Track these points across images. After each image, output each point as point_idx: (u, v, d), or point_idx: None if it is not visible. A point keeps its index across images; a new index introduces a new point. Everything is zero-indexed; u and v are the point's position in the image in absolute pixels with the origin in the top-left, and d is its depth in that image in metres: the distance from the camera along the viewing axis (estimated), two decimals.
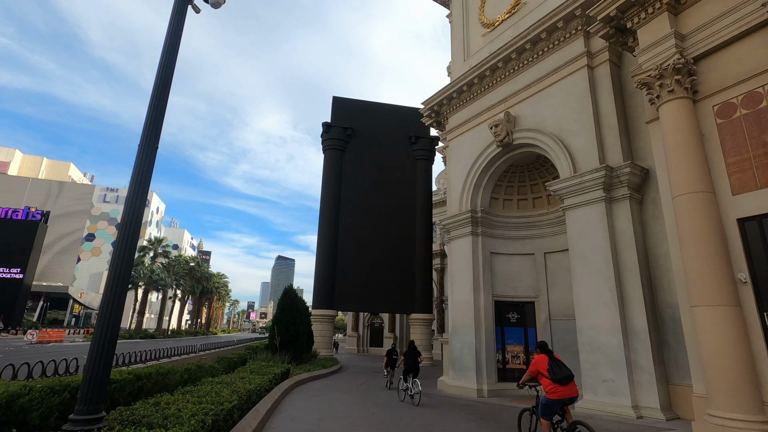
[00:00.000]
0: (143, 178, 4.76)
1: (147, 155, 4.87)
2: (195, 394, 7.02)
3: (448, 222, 18.34)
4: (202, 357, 16.10)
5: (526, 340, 17.00)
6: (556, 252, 17.17)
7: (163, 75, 5.26)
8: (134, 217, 4.67)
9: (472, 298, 16.59)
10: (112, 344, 4.36)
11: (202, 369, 11.19)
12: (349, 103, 41.64)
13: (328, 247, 35.88)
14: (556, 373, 6.71)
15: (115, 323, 4.39)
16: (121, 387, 6.70)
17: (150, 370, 8.00)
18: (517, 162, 17.60)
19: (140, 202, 4.77)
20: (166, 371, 8.62)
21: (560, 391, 6.65)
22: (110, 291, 4.48)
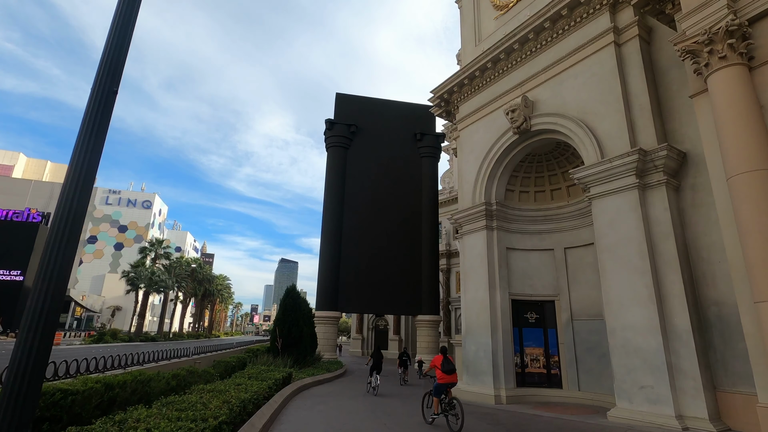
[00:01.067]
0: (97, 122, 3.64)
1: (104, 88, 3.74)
2: (177, 406, 5.91)
3: (460, 216, 17.18)
4: (196, 361, 14.98)
5: (546, 342, 15.79)
6: (578, 247, 15.97)
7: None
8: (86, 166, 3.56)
9: (487, 297, 15.41)
10: (45, 346, 3.23)
11: (194, 374, 10.07)
12: (353, 100, 40.57)
13: (331, 247, 34.75)
14: (444, 366, 9.92)
15: (50, 318, 3.26)
16: (84, 399, 5.61)
17: (126, 378, 6.90)
18: (535, 151, 16.43)
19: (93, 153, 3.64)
20: (147, 378, 7.51)
21: (446, 378, 9.89)
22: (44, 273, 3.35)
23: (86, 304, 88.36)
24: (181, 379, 8.92)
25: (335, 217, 35.65)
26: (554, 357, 15.52)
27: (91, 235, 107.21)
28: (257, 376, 12.30)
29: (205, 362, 15.85)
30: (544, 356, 15.67)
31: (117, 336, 42.29)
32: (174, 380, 8.47)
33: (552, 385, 15.23)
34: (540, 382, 15.34)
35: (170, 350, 14.67)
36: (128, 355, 11.58)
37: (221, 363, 14.43)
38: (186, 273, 62.04)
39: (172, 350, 15.84)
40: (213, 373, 11.77)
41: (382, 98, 41.97)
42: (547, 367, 15.51)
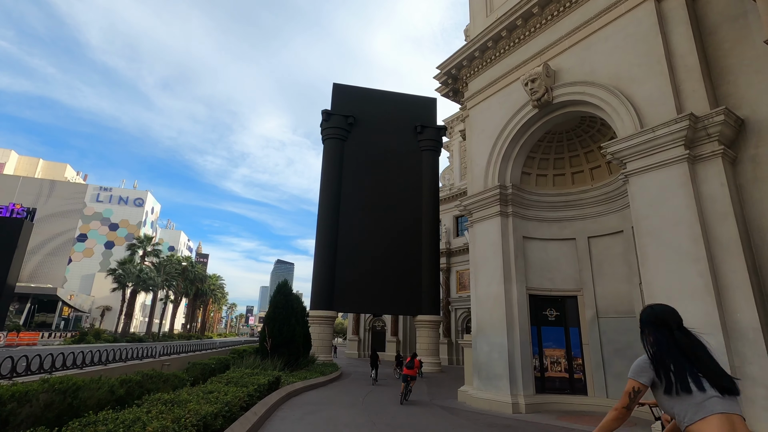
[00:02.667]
0: None
1: None
2: (95, 428, 4.10)
3: (470, 202, 15.41)
4: (165, 363, 13.05)
5: (568, 343, 14.01)
6: (604, 236, 14.23)
7: None
8: None
9: (502, 291, 13.63)
10: None
11: (156, 379, 8.22)
12: (351, 91, 38.79)
13: (327, 243, 32.89)
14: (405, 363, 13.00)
15: None
16: None
17: (35, 387, 5.08)
18: (555, 128, 14.70)
19: None
20: (75, 386, 5.65)
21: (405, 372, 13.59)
22: None
23: (74, 303, 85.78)
24: (133, 386, 7.07)
25: (332, 211, 33.82)
26: (577, 359, 13.75)
27: (80, 233, 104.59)
28: (238, 380, 10.45)
29: (177, 364, 13.96)
30: (565, 358, 13.89)
31: (101, 336, 40.19)
32: (122, 388, 6.61)
33: (575, 391, 13.45)
34: (562, 388, 13.56)
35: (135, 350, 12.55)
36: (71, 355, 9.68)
37: (197, 365, 12.56)
38: (176, 271, 59.85)
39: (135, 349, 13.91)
40: (184, 378, 9.92)
41: (381, 89, 40.22)
42: (570, 370, 13.74)
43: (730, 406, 2.22)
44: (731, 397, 2.26)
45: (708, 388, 2.25)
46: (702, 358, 2.39)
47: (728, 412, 2.19)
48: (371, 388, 18.18)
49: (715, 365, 2.37)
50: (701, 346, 2.45)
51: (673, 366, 2.36)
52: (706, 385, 2.26)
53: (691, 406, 2.25)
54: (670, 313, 2.63)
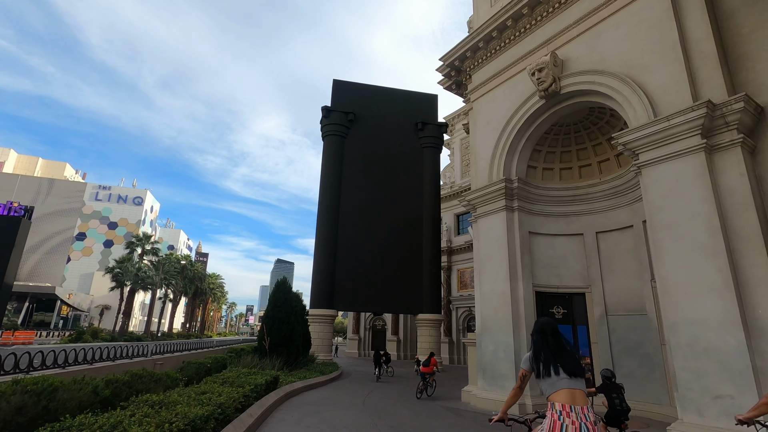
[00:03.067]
0: None
1: None
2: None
3: (474, 196, 14.96)
4: (157, 362, 12.60)
5: (576, 341, 13.57)
6: (612, 231, 13.79)
7: None
8: None
9: (507, 289, 13.18)
10: None
11: (146, 379, 7.77)
12: (351, 87, 38.29)
13: (327, 241, 32.44)
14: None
15: None
16: None
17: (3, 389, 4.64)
18: (562, 120, 14.25)
19: None
20: (51, 387, 5.19)
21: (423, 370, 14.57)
22: None
23: (73, 302, 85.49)
24: (120, 387, 6.62)
25: (332, 208, 33.36)
26: (585, 359, 13.31)
27: (79, 232, 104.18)
28: (234, 380, 10.01)
29: (170, 363, 13.51)
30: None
31: (98, 335, 39.74)
32: (107, 388, 6.17)
33: None
34: None
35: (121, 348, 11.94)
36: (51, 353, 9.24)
37: (192, 365, 12.11)
38: (175, 270, 59.37)
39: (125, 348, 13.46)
40: (177, 378, 9.47)
41: (382, 86, 39.71)
42: None
43: (575, 384, 3.34)
44: (576, 379, 3.36)
45: (561, 373, 3.36)
46: (562, 355, 3.46)
47: (572, 388, 3.31)
48: (372, 388, 17.76)
49: (571, 358, 3.47)
50: (564, 347, 3.55)
51: (542, 359, 3.48)
52: (561, 371, 3.36)
53: (550, 385, 3.37)
54: (548, 324, 3.73)
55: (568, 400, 3.24)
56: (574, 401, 3.24)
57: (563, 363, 3.40)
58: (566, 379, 3.34)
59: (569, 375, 3.35)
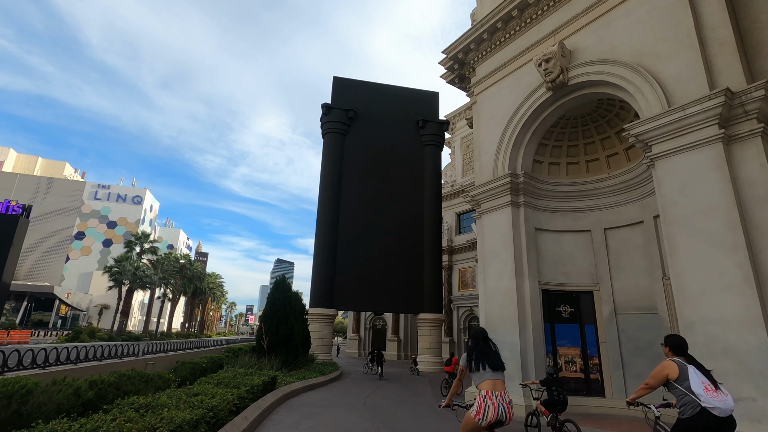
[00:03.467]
0: None
1: None
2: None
3: (478, 192, 14.53)
4: (149, 362, 12.16)
5: (584, 341, 13.15)
6: (622, 227, 13.37)
7: None
8: None
9: (513, 286, 12.76)
10: None
11: (133, 380, 7.34)
12: (351, 84, 37.84)
13: (327, 239, 32.00)
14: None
15: None
16: None
17: None
18: (569, 113, 13.82)
19: None
20: (24, 390, 4.71)
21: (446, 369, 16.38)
22: None
23: (72, 302, 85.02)
24: (105, 388, 6.18)
25: (332, 206, 32.93)
26: (594, 359, 12.89)
27: (78, 231, 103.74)
28: (229, 381, 9.58)
29: (163, 363, 13.08)
30: (581, 358, 13.02)
31: (95, 335, 39.31)
32: (91, 390, 5.72)
33: (592, 392, 12.59)
34: (577, 389, 12.69)
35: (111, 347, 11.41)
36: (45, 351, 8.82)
37: (186, 365, 11.68)
38: (174, 269, 58.93)
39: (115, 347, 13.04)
40: (169, 378, 9.05)
41: (382, 83, 39.29)
42: (586, 370, 12.88)
43: (496, 376, 4.42)
44: (498, 372, 4.45)
45: (487, 368, 4.43)
46: (489, 355, 4.54)
47: (494, 379, 4.37)
48: (373, 388, 17.35)
49: (495, 357, 4.56)
50: (491, 349, 4.64)
51: (474, 358, 4.55)
52: (487, 367, 4.44)
53: (479, 376, 4.43)
54: (480, 331, 4.85)
55: (490, 388, 4.35)
56: (495, 388, 4.36)
57: (489, 361, 4.51)
58: (490, 372, 4.46)
59: (493, 369, 4.49)
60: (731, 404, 4.07)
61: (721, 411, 3.98)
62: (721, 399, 4.04)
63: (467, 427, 4.40)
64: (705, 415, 3.98)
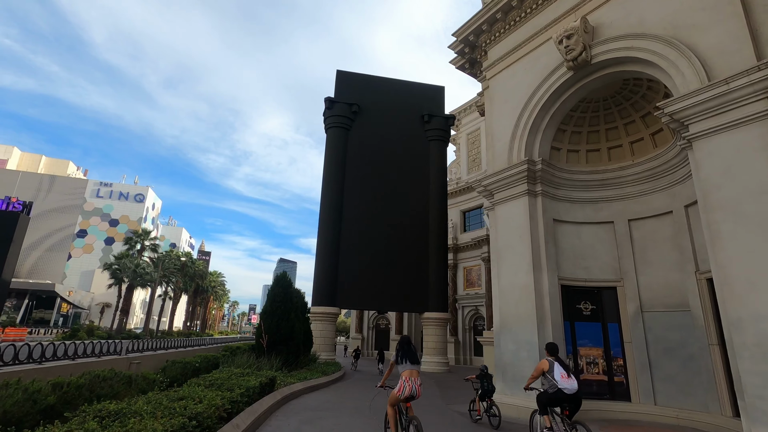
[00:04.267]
0: None
1: None
2: None
3: (491, 181, 13.59)
4: (133, 362, 11.25)
5: (606, 341, 12.18)
6: (648, 218, 12.39)
7: None
8: None
9: (530, 281, 11.82)
10: None
11: (110, 382, 6.43)
12: (355, 78, 36.90)
13: (330, 236, 31.11)
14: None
15: None
16: None
17: None
18: (590, 96, 12.85)
19: None
20: None
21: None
22: None
23: (73, 300, 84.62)
24: (72, 392, 5.26)
25: (335, 203, 32.02)
26: (618, 360, 11.93)
27: (80, 229, 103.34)
28: (223, 382, 8.70)
29: (151, 363, 12.19)
30: (603, 359, 12.06)
31: (94, 333, 38.58)
32: (53, 394, 4.78)
33: (616, 396, 11.63)
34: (600, 393, 11.73)
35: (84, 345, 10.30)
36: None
37: (176, 364, 10.80)
38: (175, 267, 58.18)
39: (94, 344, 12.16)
40: (156, 379, 8.17)
41: (386, 77, 38.36)
42: (609, 372, 11.91)
43: (414, 367, 6.49)
44: (415, 365, 6.51)
45: (408, 362, 6.49)
46: (409, 354, 6.54)
47: (411, 369, 6.42)
48: (378, 390, 16.44)
49: (414, 356, 6.57)
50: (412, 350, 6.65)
51: (400, 356, 6.57)
52: (407, 362, 6.48)
53: (403, 367, 6.47)
54: (405, 338, 6.95)
55: (409, 375, 6.37)
56: (412, 375, 6.37)
57: (409, 357, 6.53)
58: (410, 365, 6.47)
59: (411, 363, 6.50)
60: (575, 386, 6.80)
61: (568, 390, 6.72)
62: (569, 383, 6.75)
63: (392, 400, 6.57)
64: (559, 391, 6.77)
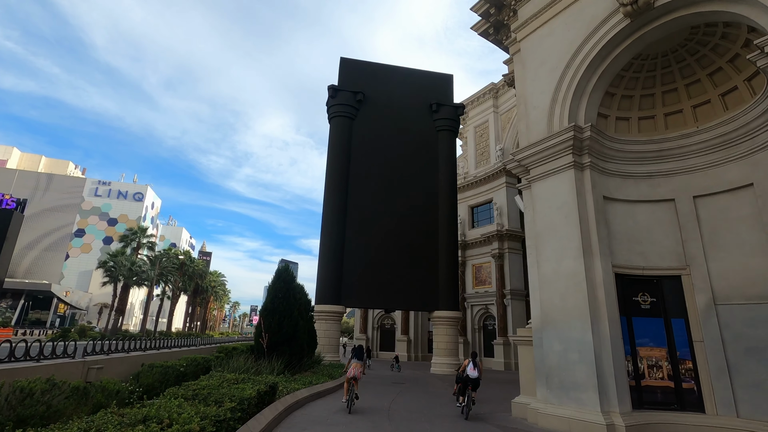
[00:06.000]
0: None
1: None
2: None
3: (526, 155, 11.68)
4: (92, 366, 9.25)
5: (671, 339, 10.23)
6: (719, 194, 10.46)
7: None
8: None
9: (581, 268, 9.91)
10: None
11: (42, 399, 4.56)
12: (360, 66, 35.06)
13: (334, 231, 29.20)
14: None
15: None
16: None
17: None
18: (646, 51, 10.93)
19: None
20: None
21: None
22: None
23: (70, 300, 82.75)
24: None
25: (339, 195, 30.11)
26: (686, 362, 9.99)
27: (78, 228, 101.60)
28: (210, 392, 6.80)
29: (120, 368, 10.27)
30: (668, 361, 10.12)
31: (86, 333, 36.75)
32: None
33: (686, 406, 9.69)
34: (666, 402, 9.79)
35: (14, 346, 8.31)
36: None
37: (155, 369, 8.91)
38: (173, 266, 56.35)
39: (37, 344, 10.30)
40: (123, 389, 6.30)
41: (392, 65, 36.49)
42: (676, 377, 9.97)
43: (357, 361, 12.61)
44: (359, 361, 12.67)
45: (356, 358, 12.75)
46: (359, 352, 13.07)
47: (355, 362, 12.50)
48: (393, 395, 14.55)
49: (361, 352, 13.21)
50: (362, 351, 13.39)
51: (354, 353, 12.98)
52: (355, 357, 12.73)
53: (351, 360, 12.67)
54: (360, 347, 13.60)
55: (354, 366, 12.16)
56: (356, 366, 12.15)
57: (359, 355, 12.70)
58: (356, 359, 12.37)
59: (359, 359, 12.53)
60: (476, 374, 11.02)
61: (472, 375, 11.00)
62: (472, 371, 10.99)
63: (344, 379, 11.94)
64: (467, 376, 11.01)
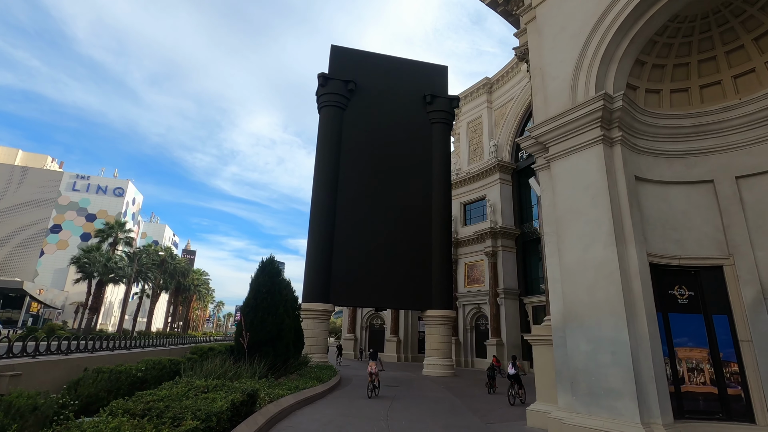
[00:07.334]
0: None
1: None
2: None
3: (544, 130, 10.32)
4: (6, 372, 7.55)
5: (712, 339, 8.96)
6: (766, 173, 9.25)
7: None
8: None
9: (613, 257, 8.57)
10: None
11: None
12: (352, 54, 33.59)
13: (323, 226, 27.62)
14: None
15: None
16: None
17: None
18: (684, 13, 9.68)
19: None
20: None
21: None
22: None
23: (45, 299, 79.14)
24: None
25: (328, 188, 28.54)
26: (731, 365, 8.73)
27: (54, 224, 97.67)
28: (169, 405, 5.24)
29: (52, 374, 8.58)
30: (710, 363, 8.84)
31: (55, 332, 34.33)
32: None
33: (733, 415, 8.41)
34: (709, 411, 8.51)
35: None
36: None
37: (101, 375, 7.23)
38: (153, 263, 53.88)
39: None
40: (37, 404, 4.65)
41: (385, 54, 35.07)
42: (720, 382, 8.70)
43: (372, 361, 14.90)
44: (374, 360, 14.95)
45: (371, 359, 14.99)
46: (373, 355, 15.25)
47: (371, 362, 14.90)
48: (389, 402, 13.08)
49: (375, 355, 15.37)
50: (375, 352, 15.89)
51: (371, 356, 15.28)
52: (371, 358, 15.03)
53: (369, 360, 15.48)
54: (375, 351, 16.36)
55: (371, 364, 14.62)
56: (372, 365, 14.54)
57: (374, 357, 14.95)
58: (371, 360, 14.74)
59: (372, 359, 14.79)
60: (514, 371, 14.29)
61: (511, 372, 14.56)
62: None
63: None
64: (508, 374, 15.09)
